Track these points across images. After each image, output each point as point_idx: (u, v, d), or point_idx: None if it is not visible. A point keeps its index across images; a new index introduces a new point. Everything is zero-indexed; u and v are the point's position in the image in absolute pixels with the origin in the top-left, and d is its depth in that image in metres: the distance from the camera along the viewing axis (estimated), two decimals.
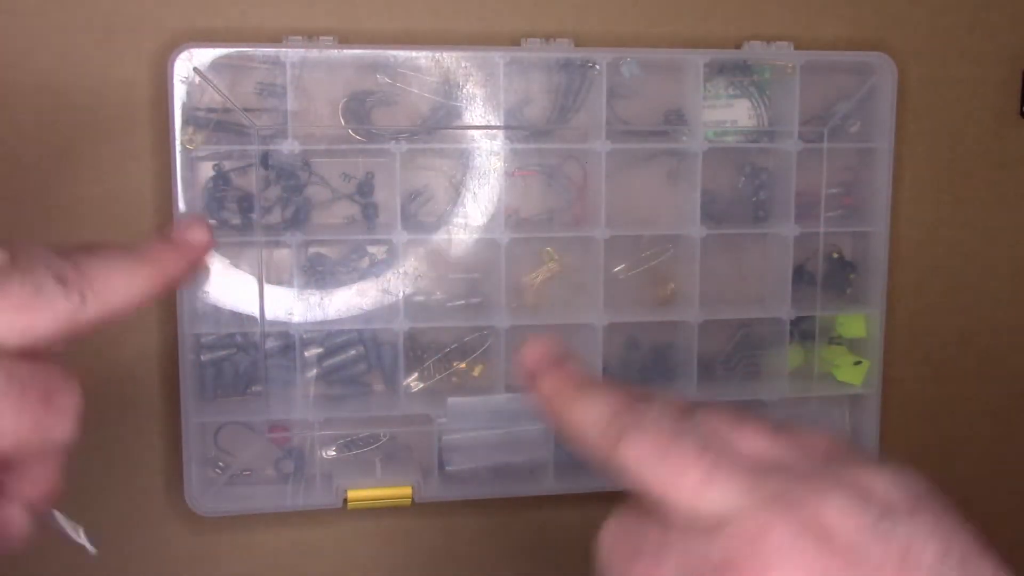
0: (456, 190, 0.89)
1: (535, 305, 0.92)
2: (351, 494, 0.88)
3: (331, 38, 0.83)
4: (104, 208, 0.84)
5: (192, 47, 0.80)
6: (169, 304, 0.84)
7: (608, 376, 0.93)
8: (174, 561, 0.90)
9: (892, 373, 0.99)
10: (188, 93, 0.81)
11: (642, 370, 0.95)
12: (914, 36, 0.95)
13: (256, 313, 0.85)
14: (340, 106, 0.87)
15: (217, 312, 0.85)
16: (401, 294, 0.87)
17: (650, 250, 0.94)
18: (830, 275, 0.96)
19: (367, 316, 0.88)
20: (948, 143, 0.97)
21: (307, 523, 0.92)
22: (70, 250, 0.37)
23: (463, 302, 0.91)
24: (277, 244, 0.86)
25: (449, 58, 0.86)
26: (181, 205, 0.82)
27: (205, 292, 0.84)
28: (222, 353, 0.88)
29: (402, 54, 0.85)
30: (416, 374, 0.91)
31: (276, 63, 0.83)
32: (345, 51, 0.84)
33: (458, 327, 0.91)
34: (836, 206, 0.96)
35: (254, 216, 0.84)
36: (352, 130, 0.87)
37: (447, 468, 0.91)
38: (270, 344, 0.87)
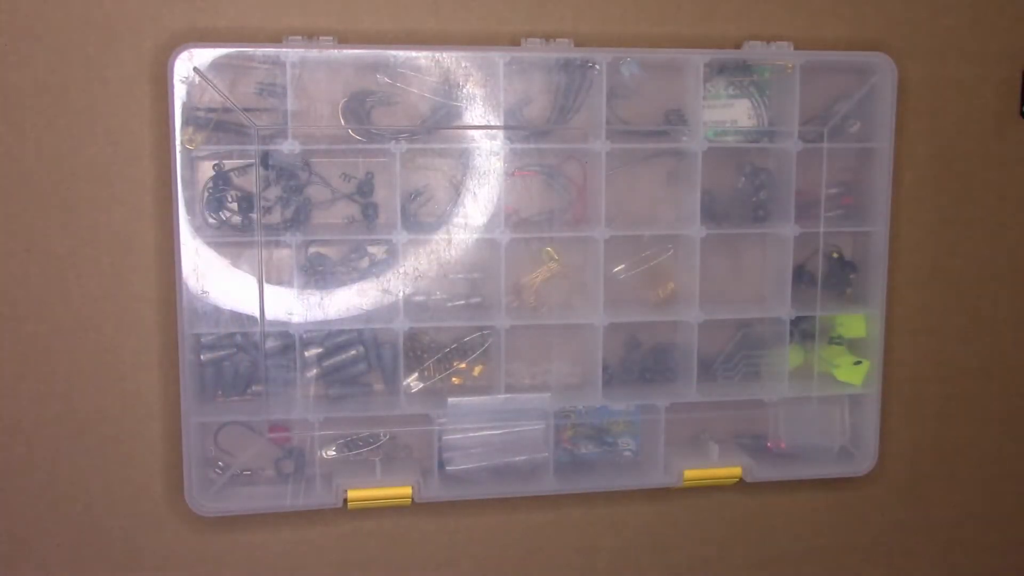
0: (456, 190, 0.89)
1: (535, 305, 0.92)
2: (351, 494, 0.88)
3: (331, 38, 0.83)
4: (104, 208, 0.84)
5: (192, 47, 0.80)
6: (169, 304, 0.84)
7: (608, 375, 0.93)
8: (174, 561, 0.90)
9: (892, 373, 0.99)
10: (188, 93, 0.81)
11: (642, 370, 0.95)
12: (914, 36, 0.95)
13: (256, 313, 0.85)
14: (340, 106, 0.87)
15: (217, 312, 0.85)
16: (401, 294, 0.87)
17: (650, 250, 0.94)
18: (830, 275, 0.96)
19: (367, 316, 0.88)
20: (948, 143, 0.97)
21: (307, 523, 0.91)
22: None
23: (463, 302, 0.91)
24: (277, 244, 0.86)
25: (449, 58, 0.86)
26: (181, 205, 0.82)
27: (205, 292, 0.84)
28: (222, 353, 0.88)
29: (402, 54, 0.85)
30: (416, 374, 0.91)
31: (276, 63, 0.83)
32: (345, 51, 0.84)
33: (458, 327, 0.91)
34: (836, 206, 0.96)
35: (254, 216, 0.84)
36: (352, 130, 0.87)
37: (447, 468, 0.91)
38: (270, 344, 0.87)
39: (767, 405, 0.96)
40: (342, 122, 0.86)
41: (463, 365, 0.92)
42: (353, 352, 0.89)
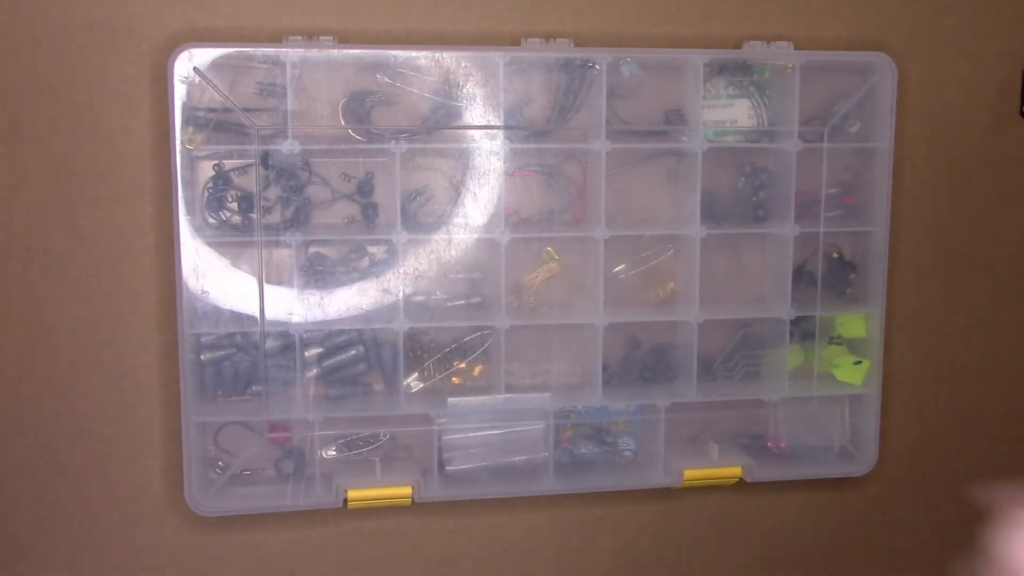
0: (456, 190, 0.89)
1: (535, 305, 0.92)
2: (351, 494, 0.88)
3: (331, 38, 0.83)
4: (104, 208, 0.84)
5: (192, 47, 0.80)
6: (169, 304, 0.84)
7: (608, 375, 0.93)
8: (174, 561, 0.90)
9: (892, 373, 0.99)
10: (188, 93, 0.81)
11: (642, 370, 0.95)
12: (914, 36, 0.95)
13: (256, 313, 0.85)
14: (340, 106, 0.87)
15: (217, 312, 0.85)
16: (401, 294, 0.87)
17: (650, 250, 0.94)
18: (830, 275, 0.96)
19: (367, 316, 0.88)
20: (948, 143, 0.97)
21: (307, 523, 0.92)
22: None
23: (463, 302, 0.91)
24: (277, 244, 0.86)
25: (449, 58, 0.86)
26: (181, 205, 0.82)
27: (205, 292, 0.84)
28: (222, 353, 0.88)
29: (402, 54, 0.85)
30: (416, 374, 0.91)
31: (276, 63, 0.83)
32: (345, 51, 0.84)
33: (458, 327, 0.91)
34: (836, 206, 0.96)
35: (254, 216, 0.84)
36: (352, 130, 0.87)
37: (447, 468, 0.91)
38: (270, 344, 0.87)
39: (767, 405, 0.96)
40: (342, 122, 0.86)
41: (463, 365, 0.92)
42: (353, 352, 0.89)
